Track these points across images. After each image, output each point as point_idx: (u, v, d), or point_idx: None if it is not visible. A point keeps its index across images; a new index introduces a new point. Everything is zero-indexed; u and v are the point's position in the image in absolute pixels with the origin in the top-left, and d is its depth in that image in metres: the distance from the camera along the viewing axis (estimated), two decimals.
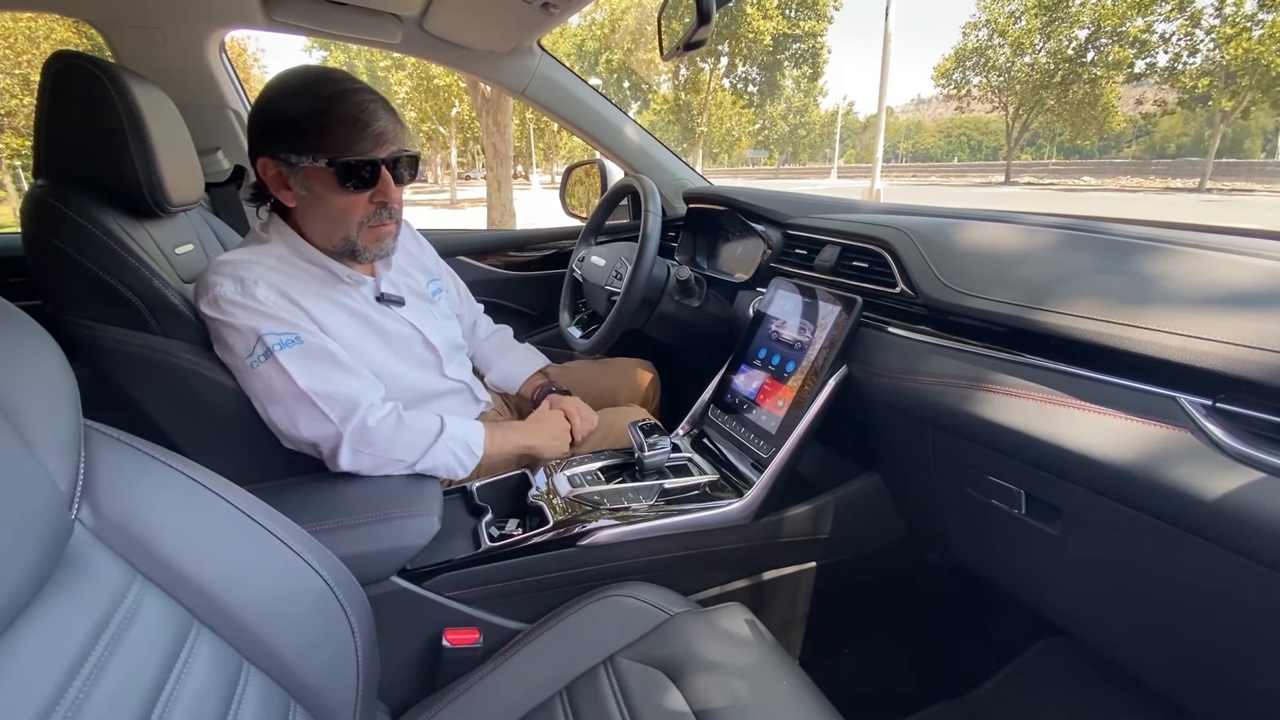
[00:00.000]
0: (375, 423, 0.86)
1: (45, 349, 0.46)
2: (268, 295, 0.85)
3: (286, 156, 0.85)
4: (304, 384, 0.83)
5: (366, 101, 0.85)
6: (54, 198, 0.84)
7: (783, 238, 1.21)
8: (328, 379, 0.85)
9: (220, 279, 0.84)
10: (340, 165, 0.83)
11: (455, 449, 0.91)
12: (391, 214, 0.91)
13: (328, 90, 0.84)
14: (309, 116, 0.83)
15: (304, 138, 0.83)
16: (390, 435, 0.86)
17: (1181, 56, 21.91)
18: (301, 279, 0.90)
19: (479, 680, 0.76)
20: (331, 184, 0.85)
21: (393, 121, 0.87)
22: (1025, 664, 1.02)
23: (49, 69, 0.84)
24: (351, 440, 0.84)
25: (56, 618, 0.38)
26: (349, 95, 0.84)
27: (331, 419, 0.84)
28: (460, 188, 24.97)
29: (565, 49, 27.44)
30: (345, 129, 0.83)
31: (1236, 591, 0.55)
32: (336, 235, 0.90)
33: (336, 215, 0.88)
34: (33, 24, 12.17)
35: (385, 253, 0.95)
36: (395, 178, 0.89)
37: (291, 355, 0.83)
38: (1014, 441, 0.68)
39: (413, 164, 0.92)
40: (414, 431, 0.89)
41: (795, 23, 24.92)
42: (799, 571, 0.98)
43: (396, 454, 0.87)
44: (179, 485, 0.50)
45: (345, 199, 0.87)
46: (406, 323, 1.01)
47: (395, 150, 0.87)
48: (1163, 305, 0.61)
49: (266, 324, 0.83)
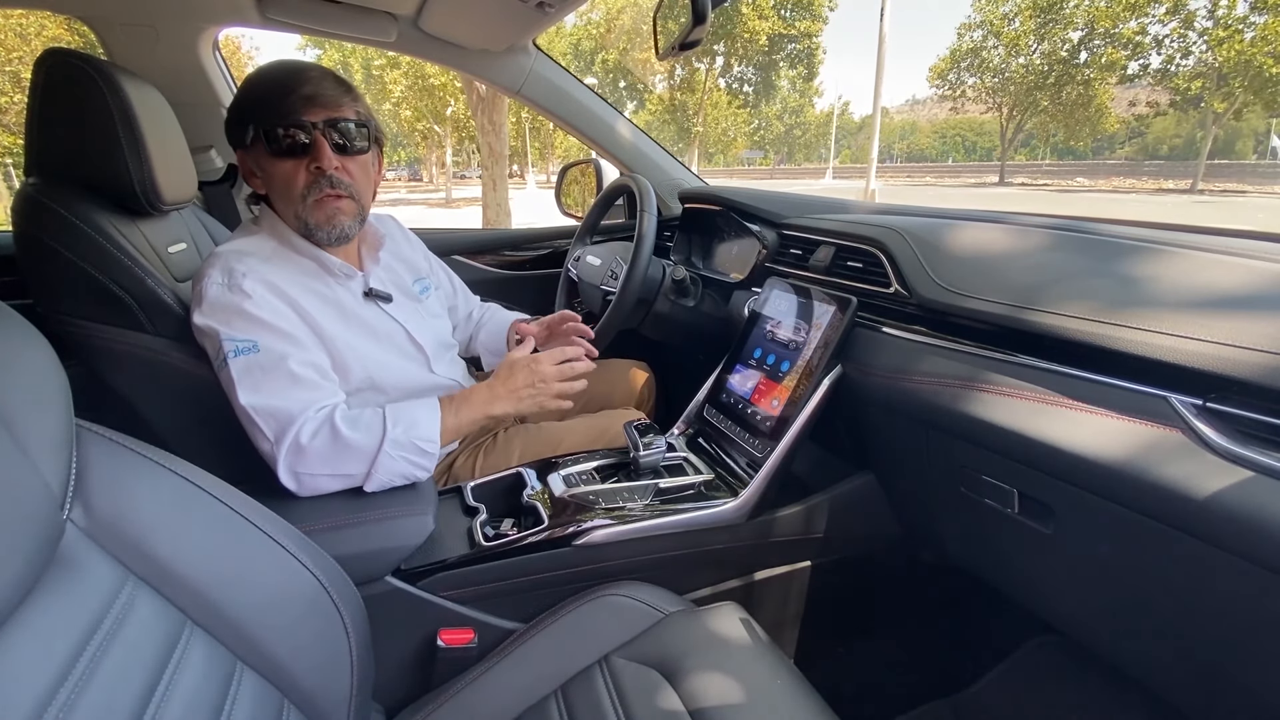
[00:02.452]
0: (308, 439, 0.79)
1: (37, 348, 0.46)
2: (254, 288, 0.82)
3: (241, 141, 0.87)
4: (244, 399, 0.79)
5: (299, 69, 0.85)
6: (46, 195, 0.83)
7: (778, 238, 1.21)
8: (270, 393, 0.80)
9: (211, 271, 0.83)
10: (265, 132, 0.84)
11: (404, 454, 0.82)
12: (333, 183, 0.87)
13: (266, 69, 0.87)
14: (243, 94, 0.86)
15: (240, 114, 0.86)
16: (326, 451, 0.80)
17: (1175, 58, 22.08)
18: (292, 271, 0.89)
19: (474, 680, 0.76)
20: (267, 155, 0.85)
21: (330, 87, 0.86)
22: (1018, 662, 1.03)
23: (41, 66, 0.84)
24: (287, 460, 0.79)
25: (49, 618, 0.38)
26: (281, 67, 0.86)
27: (268, 435, 0.79)
28: (455, 187, 24.94)
29: (561, 48, 27.39)
30: (271, 96, 0.83)
31: (1227, 589, 0.55)
32: (289, 212, 0.89)
33: (280, 189, 0.88)
34: (24, 21, 12.08)
35: (340, 232, 0.90)
36: (337, 147, 0.86)
37: (241, 365, 0.80)
38: (1007, 441, 0.68)
39: (360, 134, 0.89)
40: (352, 444, 0.80)
41: (790, 23, 24.94)
42: (793, 571, 0.99)
43: (338, 468, 0.80)
44: (171, 485, 0.50)
45: (280, 167, 0.86)
46: (391, 319, 1.00)
47: (332, 116, 0.85)
48: (1154, 306, 0.61)
49: (229, 328, 0.80)
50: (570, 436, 1.12)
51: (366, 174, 0.92)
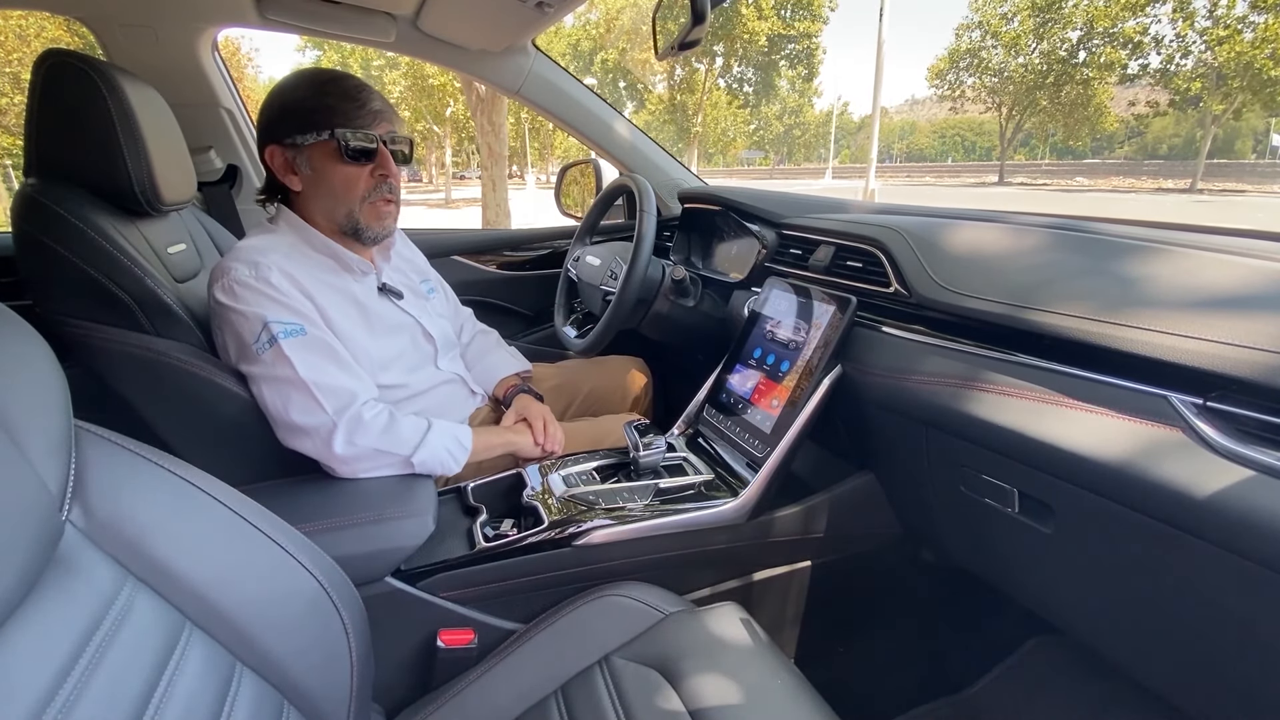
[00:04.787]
0: (370, 417, 0.87)
1: (35, 349, 0.46)
2: (280, 281, 0.88)
3: (292, 139, 0.91)
4: (304, 373, 0.85)
5: (363, 85, 0.94)
6: (45, 196, 0.83)
7: (777, 238, 1.21)
8: (326, 371, 0.87)
9: (236, 264, 0.87)
10: (341, 136, 0.90)
11: (446, 443, 0.93)
12: (392, 190, 0.96)
13: (327, 77, 0.93)
14: (312, 98, 0.91)
15: (308, 116, 0.90)
16: (384, 427, 0.88)
17: (1174, 58, 22.08)
18: (311, 267, 0.93)
19: (474, 681, 0.76)
20: (335, 157, 0.91)
21: (387, 106, 0.95)
22: (1019, 661, 1.03)
23: (40, 67, 0.84)
24: (345, 429, 0.85)
25: (47, 620, 0.38)
26: (347, 79, 0.93)
27: (326, 409, 0.85)
28: (455, 187, 24.92)
29: (560, 48, 27.40)
30: (345, 105, 0.90)
31: (1227, 589, 0.55)
32: (340, 211, 0.95)
33: (340, 190, 0.93)
34: (23, 22, 12.07)
35: (386, 233, 1.00)
36: (395, 157, 0.95)
37: (294, 345, 0.86)
38: (1007, 440, 0.68)
39: (408, 149, 0.98)
40: (405, 426, 0.90)
41: (790, 23, 24.94)
42: (793, 570, 0.99)
43: (389, 445, 0.88)
44: (171, 486, 0.49)
45: (348, 171, 0.92)
46: (405, 313, 1.06)
47: (391, 131, 0.94)
48: (1154, 305, 0.61)
49: (273, 312, 0.86)
50: (571, 440, 1.12)
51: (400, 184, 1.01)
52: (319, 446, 0.86)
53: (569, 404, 1.34)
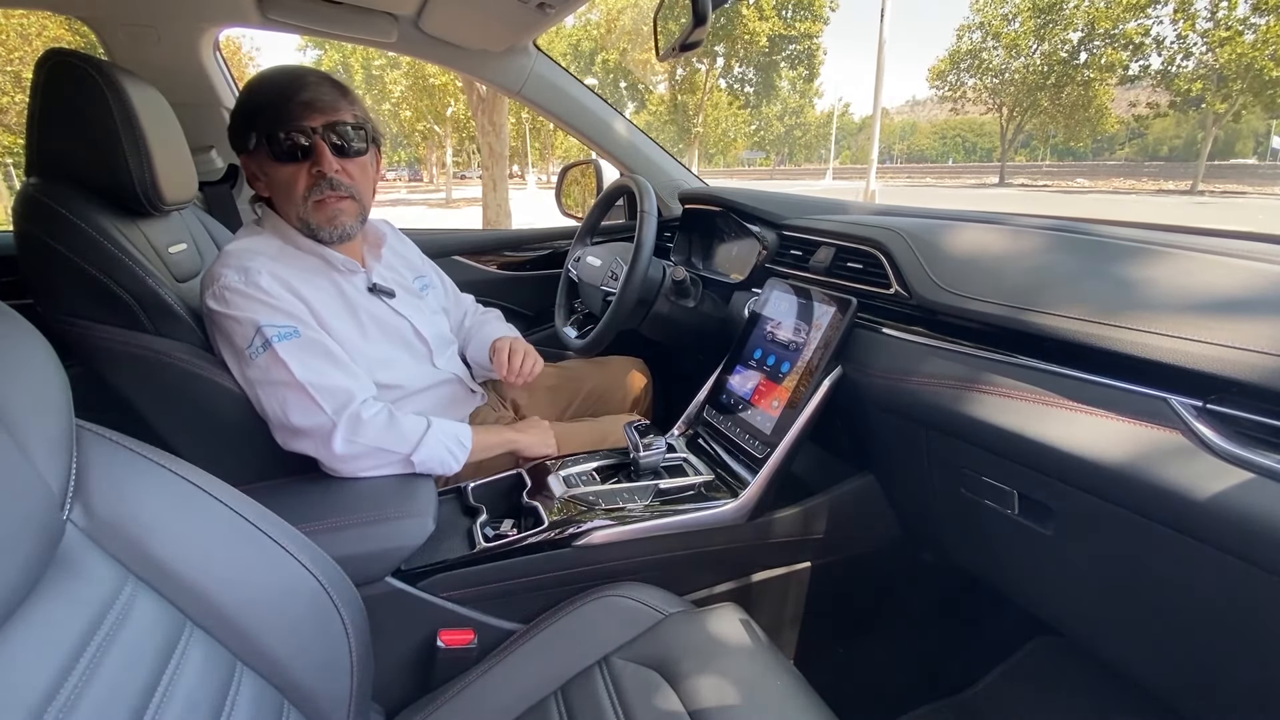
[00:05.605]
0: (369, 416, 0.87)
1: (37, 348, 0.46)
2: (270, 285, 0.87)
3: (244, 146, 0.90)
4: (300, 375, 0.84)
5: (297, 76, 0.88)
6: (46, 195, 0.83)
7: (778, 239, 1.21)
8: (323, 372, 0.86)
9: (226, 270, 0.87)
10: (268, 138, 0.87)
11: (446, 442, 0.93)
12: (334, 185, 0.90)
13: (262, 76, 0.91)
14: (246, 102, 0.89)
15: (244, 121, 0.89)
16: (383, 426, 0.88)
17: (1175, 59, 22.06)
18: (299, 268, 0.92)
19: (474, 681, 0.76)
20: (269, 160, 0.89)
21: (328, 91, 0.89)
22: (1018, 663, 1.03)
23: (42, 66, 0.84)
24: (345, 428, 0.85)
25: (49, 619, 0.38)
26: (282, 74, 0.89)
27: (325, 409, 0.85)
28: (456, 187, 24.94)
29: (561, 49, 27.39)
30: (272, 102, 0.87)
31: (1226, 591, 0.55)
32: (292, 214, 0.92)
33: (283, 192, 0.91)
34: (25, 21, 12.09)
35: (342, 231, 0.94)
36: (336, 149, 0.89)
37: (289, 347, 0.85)
38: (1007, 442, 0.68)
39: (358, 138, 0.92)
40: (405, 425, 0.90)
41: (791, 24, 24.92)
42: (793, 571, 0.99)
43: (389, 443, 0.88)
44: (172, 486, 0.50)
45: (282, 172, 0.89)
46: (397, 313, 1.04)
47: (331, 120, 0.88)
48: (1154, 307, 0.61)
49: (266, 316, 0.85)
50: (571, 440, 1.12)
51: (366, 174, 0.95)
52: (319, 447, 0.86)
53: (569, 404, 1.34)
